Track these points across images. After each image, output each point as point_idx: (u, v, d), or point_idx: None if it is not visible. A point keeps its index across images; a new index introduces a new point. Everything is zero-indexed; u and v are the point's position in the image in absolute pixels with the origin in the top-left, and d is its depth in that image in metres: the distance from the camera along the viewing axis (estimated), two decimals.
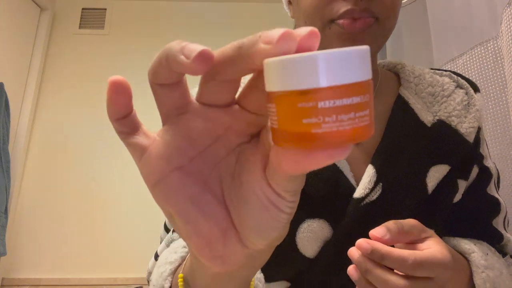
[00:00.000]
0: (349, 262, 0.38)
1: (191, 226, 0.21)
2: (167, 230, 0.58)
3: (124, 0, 2.36)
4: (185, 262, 0.38)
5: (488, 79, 0.92)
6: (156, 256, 0.52)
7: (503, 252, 0.51)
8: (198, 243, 0.21)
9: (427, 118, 0.50)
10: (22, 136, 2.02)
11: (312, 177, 0.46)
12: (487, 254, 0.46)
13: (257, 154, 0.21)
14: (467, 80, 0.54)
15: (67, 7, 2.33)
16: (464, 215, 0.52)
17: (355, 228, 0.44)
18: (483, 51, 0.94)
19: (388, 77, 0.57)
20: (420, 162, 0.48)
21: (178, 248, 0.43)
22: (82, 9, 2.34)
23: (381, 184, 0.46)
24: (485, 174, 0.53)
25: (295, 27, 0.52)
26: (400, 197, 0.46)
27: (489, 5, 0.93)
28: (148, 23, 2.32)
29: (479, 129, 0.51)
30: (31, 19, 2.16)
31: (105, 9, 2.34)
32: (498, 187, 0.56)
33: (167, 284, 0.39)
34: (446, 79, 0.54)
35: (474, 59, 0.97)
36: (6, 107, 1.86)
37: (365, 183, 0.46)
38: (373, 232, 0.35)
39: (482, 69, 0.94)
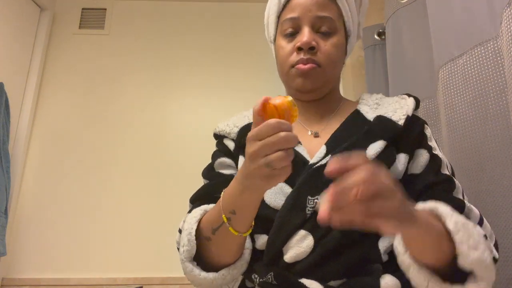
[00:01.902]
0: (304, 206, 0.63)
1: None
2: (191, 202, 0.79)
3: (124, 0, 2.36)
4: (219, 207, 0.60)
5: (488, 79, 0.92)
6: (179, 231, 0.71)
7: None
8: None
9: (371, 116, 0.74)
10: (22, 136, 2.02)
11: None
12: (454, 212, 0.57)
13: None
14: (409, 94, 0.79)
15: (67, 7, 2.33)
16: (426, 190, 0.66)
17: (309, 183, 0.65)
18: (483, 51, 0.94)
19: (350, 103, 0.83)
20: (362, 142, 0.68)
21: (194, 215, 0.67)
22: (82, 9, 2.34)
23: (330, 156, 0.68)
24: (437, 159, 0.70)
25: (277, 67, 0.82)
26: None
27: (489, 5, 0.93)
28: (148, 23, 2.32)
29: (408, 117, 0.71)
30: (31, 19, 2.16)
31: (105, 9, 2.34)
32: (453, 175, 0.72)
33: (195, 226, 0.64)
34: (394, 98, 0.79)
35: (474, 59, 0.97)
36: (6, 107, 1.86)
37: (317, 154, 0.69)
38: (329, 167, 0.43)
39: (482, 69, 0.94)
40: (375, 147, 0.67)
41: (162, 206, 2.01)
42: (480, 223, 0.63)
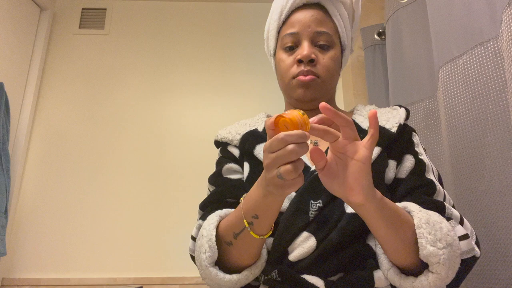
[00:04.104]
0: (307, 209, 0.68)
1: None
2: (201, 208, 0.80)
3: (124, 0, 2.36)
4: (240, 213, 0.62)
5: (488, 79, 0.92)
6: (193, 238, 0.74)
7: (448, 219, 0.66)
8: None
9: (366, 125, 0.79)
10: (22, 136, 2.02)
11: None
12: (422, 209, 0.63)
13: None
14: (401, 105, 0.84)
15: (67, 7, 2.33)
16: (408, 194, 0.70)
17: (311, 188, 0.69)
18: (483, 51, 0.94)
19: (346, 113, 0.87)
20: None
21: (211, 221, 0.68)
22: (82, 9, 2.34)
23: None
24: (421, 164, 0.75)
25: (277, 79, 0.88)
26: None
27: (489, 5, 0.93)
28: (148, 23, 2.32)
29: (400, 125, 0.77)
30: (31, 19, 2.16)
31: (105, 9, 2.34)
32: (441, 184, 0.76)
33: (214, 232, 0.66)
34: (387, 108, 0.84)
35: (474, 59, 0.97)
36: (6, 107, 1.86)
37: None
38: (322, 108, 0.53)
39: (482, 69, 0.94)
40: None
41: (162, 206, 2.01)
42: (461, 223, 0.67)
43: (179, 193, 2.03)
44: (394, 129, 0.76)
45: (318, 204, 0.68)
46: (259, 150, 0.77)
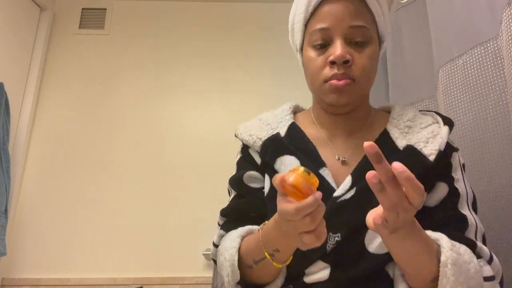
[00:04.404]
0: (325, 243, 0.63)
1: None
2: (223, 216, 0.78)
3: (124, 0, 2.36)
4: (263, 240, 0.61)
5: (488, 79, 0.92)
6: (215, 245, 0.74)
7: (478, 256, 0.61)
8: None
9: (401, 143, 0.69)
10: (22, 136, 2.02)
11: None
12: (455, 245, 0.57)
13: None
14: (444, 117, 0.73)
15: (67, 7, 2.33)
16: (438, 227, 0.63)
17: (331, 218, 0.61)
18: (483, 51, 0.94)
19: (379, 115, 0.79)
20: None
21: (234, 244, 0.67)
22: (82, 9, 2.34)
23: (355, 188, 0.65)
24: (455, 194, 0.66)
25: (306, 78, 0.75)
26: (368, 198, 0.59)
27: (489, 5, 0.93)
28: (148, 23, 2.32)
29: (439, 152, 0.66)
30: (31, 19, 2.16)
31: (105, 9, 2.34)
32: (474, 208, 0.69)
33: (236, 257, 0.65)
34: (428, 117, 0.73)
35: (474, 59, 0.97)
36: (6, 107, 1.86)
37: (343, 186, 0.66)
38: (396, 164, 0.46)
39: (482, 69, 0.94)
40: None
41: (162, 206, 2.01)
42: (490, 261, 0.63)
43: (179, 193, 2.03)
44: (432, 157, 0.65)
45: (336, 238, 0.64)
46: (280, 164, 0.71)
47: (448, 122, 0.71)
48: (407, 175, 0.44)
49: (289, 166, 0.68)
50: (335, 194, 0.65)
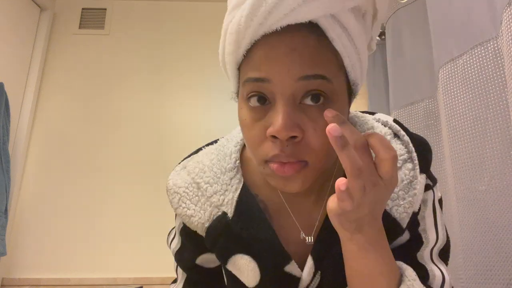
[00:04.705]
0: None
1: None
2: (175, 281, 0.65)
3: (124, 0, 2.36)
4: None
5: (488, 79, 0.92)
6: None
7: None
8: None
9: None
10: (22, 136, 2.02)
11: (270, 273, 0.54)
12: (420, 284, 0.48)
13: None
14: (419, 153, 0.54)
15: (67, 7, 2.33)
16: None
17: None
18: (483, 51, 0.94)
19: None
20: None
21: None
22: (82, 9, 2.34)
23: (319, 272, 0.53)
24: (416, 241, 0.54)
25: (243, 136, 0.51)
26: (335, 280, 0.51)
27: (489, 5, 0.93)
28: (148, 23, 2.32)
29: (413, 214, 0.53)
30: (31, 19, 2.16)
31: (105, 9, 2.34)
32: (444, 257, 0.57)
33: None
34: (399, 150, 0.54)
35: (474, 59, 0.97)
36: (6, 107, 1.86)
37: (305, 275, 0.53)
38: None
39: (482, 69, 0.94)
40: None
41: (162, 206, 2.01)
42: None
43: None
44: (404, 222, 0.52)
45: None
46: (232, 267, 0.55)
47: (425, 165, 0.55)
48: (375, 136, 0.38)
49: (245, 272, 0.54)
50: (300, 285, 0.53)
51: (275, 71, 0.42)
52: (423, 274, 0.52)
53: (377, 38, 1.79)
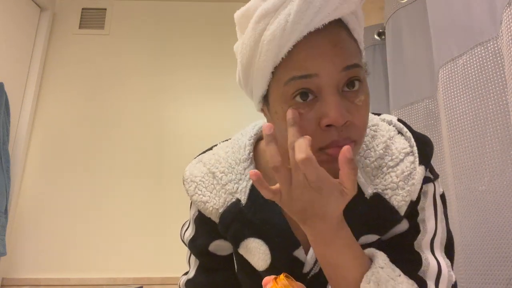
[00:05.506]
0: None
1: None
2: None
3: (124, 0, 2.36)
4: None
5: (488, 79, 0.92)
6: None
7: None
8: None
9: (368, 190, 0.56)
10: (22, 136, 2.02)
11: (277, 257, 0.57)
12: (394, 269, 0.50)
13: None
14: (420, 146, 0.58)
15: (67, 7, 2.33)
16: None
17: None
18: (483, 51, 0.94)
19: None
20: (353, 231, 0.52)
21: None
22: (82, 9, 2.34)
23: None
24: (414, 230, 0.56)
25: (279, 137, 0.51)
26: None
27: (489, 5, 0.93)
28: (148, 23, 2.32)
29: (411, 203, 0.55)
30: (31, 19, 2.16)
31: (105, 9, 2.34)
32: (447, 250, 0.58)
33: None
34: (402, 144, 0.59)
35: (474, 59, 0.97)
36: (6, 107, 1.86)
37: (309, 259, 0.57)
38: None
39: (482, 69, 0.94)
40: (365, 240, 0.57)
41: (162, 206, 2.01)
42: None
43: (179, 193, 2.02)
44: (402, 209, 0.55)
45: None
46: (245, 250, 0.59)
47: (424, 158, 0.58)
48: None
49: (256, 255, 0.57)
50: (304, 270, 0.57)
51: (321, 66, 0.46)
52: (416, 261, 0.54)
53: (377, 38, 1.79)
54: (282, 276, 0.46)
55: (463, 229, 0.94)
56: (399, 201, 0.55)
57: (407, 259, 0.55)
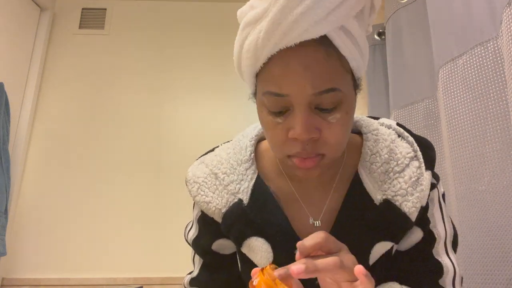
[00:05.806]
0: None
1: None
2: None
3: (124, 0, 2.36)
4: None
5: (488, 79, 0.92)
6: None
7: None
8: None
9: (377, 196, 0.57)
10: (22, 136, 2.02)
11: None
12: None
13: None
14: (424, 151, 0.59)
15: (67, 7, 2.33)
16: (410, 272, 0.58)
17: None
18: (483, 51, 0.94)
19: (350, 146, 0.63)
20: (367, 238, 0.56)
21: None
22: (82, 9, 2.34)
23: None
24: (429, 238, 0.58)
25: (265, 134, 0.57)
26: None
27: (489, 5, 0.93)
28: (148, 23, 2.32)
29: (421, 209, 0.56)
30: (31, 19, 2.16)
31: (105, 9, 2.34)
32: (455, 248, 0.61)
33: None
34: (405, 148, 0.59)
35: (474, 59, 0.97)
36: (6, 107, 1.86)
37: None
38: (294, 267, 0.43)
39: (482, 69, 0.94)
40: (380, 250, 0.57)
41: (162, 206, 2.01)
42: None
43: (179, 193, 2.03)
44: (413, 216, 0.55)
45: None
46: (247, 249, 0.60)
47: (430, 163, 0.58)
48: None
49: (258, 253, 0.58)
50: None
51: (292, 88, 0.47)
52: (438, 270, 0.57)
53: (377, 38, 1.79)
54: (268, 267, 0.47)
55: (463, 229, 0.94)
56: (410, 207, 0.55)
57: (429, 270, 0.57)
